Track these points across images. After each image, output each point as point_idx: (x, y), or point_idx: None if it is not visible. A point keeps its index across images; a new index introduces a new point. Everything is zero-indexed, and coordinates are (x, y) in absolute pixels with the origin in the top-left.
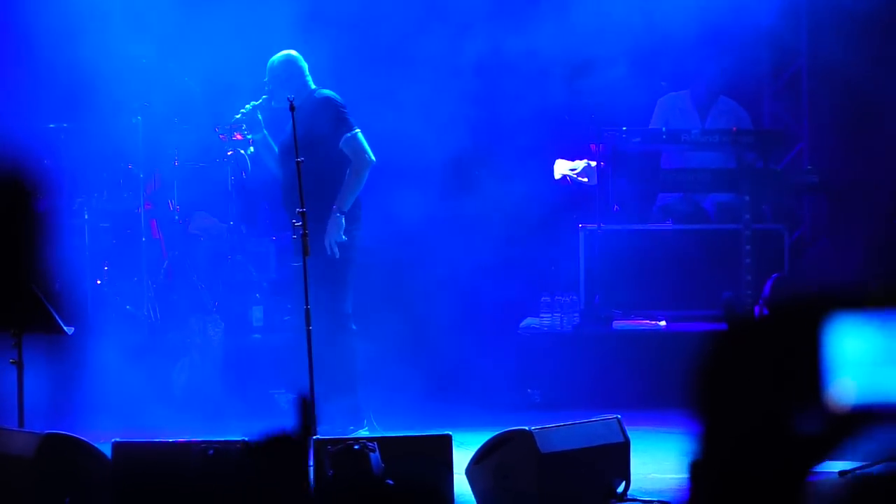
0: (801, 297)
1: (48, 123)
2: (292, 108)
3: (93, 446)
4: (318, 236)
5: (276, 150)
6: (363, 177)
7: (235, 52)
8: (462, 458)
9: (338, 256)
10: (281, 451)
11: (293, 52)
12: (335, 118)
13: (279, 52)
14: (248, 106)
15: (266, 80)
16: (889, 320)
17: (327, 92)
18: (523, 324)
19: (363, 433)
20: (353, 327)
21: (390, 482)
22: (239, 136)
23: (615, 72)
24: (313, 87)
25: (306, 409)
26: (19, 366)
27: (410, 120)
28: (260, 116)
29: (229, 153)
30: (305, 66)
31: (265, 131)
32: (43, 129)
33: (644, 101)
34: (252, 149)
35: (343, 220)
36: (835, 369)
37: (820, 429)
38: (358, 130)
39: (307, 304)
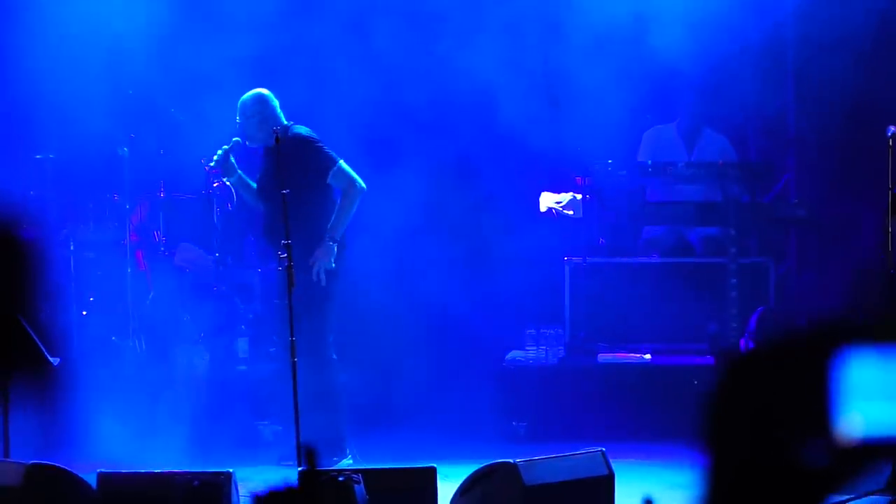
0: (789, 330)
1: (34, 154)
2: (277, 141)
3: (78, 477)
4: (302, 268)
5: (255, 186)
6: (356, 204)
7: (222, 83)
8: (446, 490)
9: (324, 284)
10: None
11: (264, 91)
12: (316, 153)
13: (250, 90)
14: (219, 152)
15: (238, 119)
16: (875, 353)
17: (302, 129)
18: (509, 356)
19: (347, 463)
20: (334, 357)
21: None
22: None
23: (601, 103)
24: (286, 122)
25: (312, 459)
26: (4, 397)
27: (395, 152)
28: (233, 159)
29: (215, 185)
30: (277, 102)
31: (240, 172)
32: (29, 159)
33: (630, 133)
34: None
35: (335, 248)
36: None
37: (803, 463)
38: (341, 161)
39: (292, 336)
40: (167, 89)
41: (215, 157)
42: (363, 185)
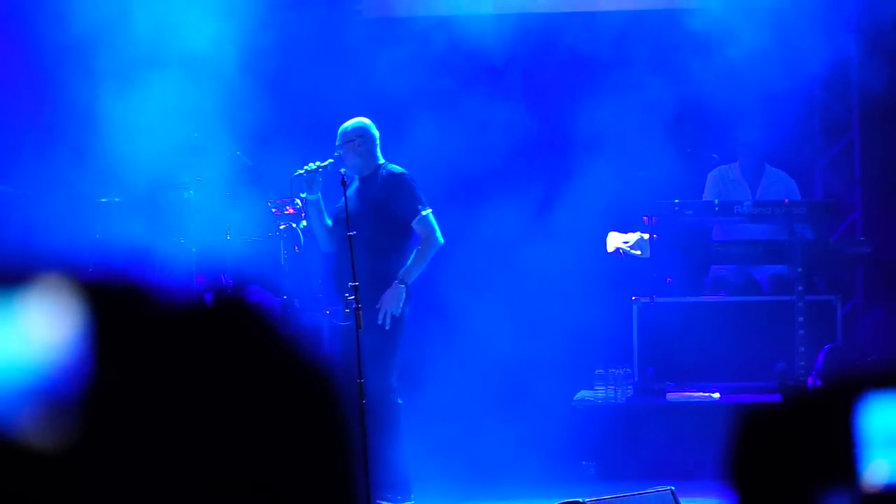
0: (856, 368)
1: (100, 197)
2: (344, 183)
3: None
4: (372, 309)
5: (327, 216)
6: (430, 257)
7: (287, 126)
8: None
9: (388, 328)
10: None
11: (367, 120)
12: (410, 196)
13: (351, 119)
14: (310, 165)
15: (338, 143)
16: None
17: (400, 168)
18: (577, 396)
19: None
20: (399, 401)
21: None
22: (291, 210)
23: (667, 144)
24: (382, 160)
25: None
26: None
27: (467, 193)
28: (320, 179)
29: (282, 227)
30: (378, 136)
31: (320, 195)
32: (94, 202)
33: (696, 173)
34: (305, 223)
35: (404, 293)
36: (873, 446)
37: None
38: (430, 210)
39: (360, 378)
40: (233, 132)
41: (306, 167)
42: (441, 240)
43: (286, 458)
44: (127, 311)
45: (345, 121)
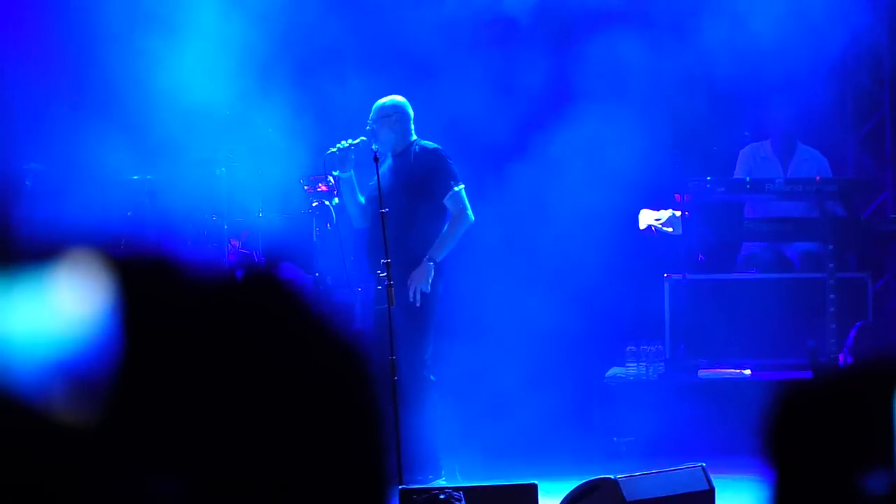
0: (887, 346)
1: (131, 175)
2: (376, 159)
3: None
4: (405, 286)
5: (360, 194)
6: (461, 233)
7: (319, 104)
8: None
9: (418, 305)
10: None
11: (402, 98)
12: (444, 171)
13: (387, 97)
14: (343, 143)
15: (371, 118)
16: None
17: (434, 144)
18: (609, 373)
19: (441, 483)
20: (432, 378)
21: None
22: (324, 188)
23: (698, 121)
24: (415, 137)
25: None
26: None
27: (496, 167)
28: (352, 157)
29: (314, 204)
30: (412, 114)
31: (352, 172)
32: (126, 180)
33: (727, 150)
34: (337, 200)
35: (433, 270)
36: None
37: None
38: (462, 187)
39: (392, 355)
40: (264, 109)
41: (338, 145)
42: (472, 217)
43: (316, 436)
44: (158, 287)
45: (376, 96)
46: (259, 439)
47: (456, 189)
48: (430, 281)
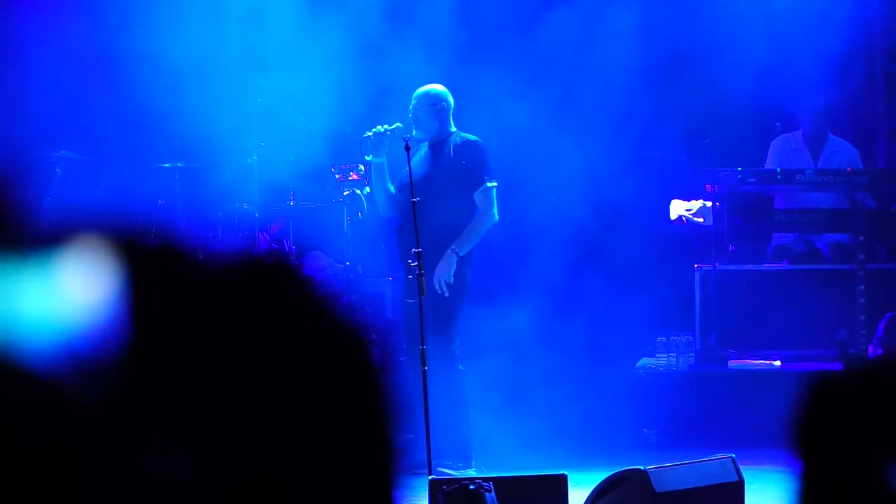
0: None
1: (163, 163)
2: (408, 148)
3: None
4: (431, 277)
5: (390, 182)
6: (484, 230)
7: (352, 91)
8: (578, 497)
9: (447, 296)
10: None
11: (444, 88)
12: (481, 165)
13: (425, 86)
14: (378, 127)
15: (414, 106)
16: None
17: (474, 137)
18: (639, 364)
19: (471, 473)
20: (461, 368)
21: None
22: (355, 176)
23: (729, 111)
24: (454, 129)
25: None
26: None
27: (528, 159)
28: (387, 142)
29: (345, 193)
30: (453, 105)
31: (385, 158)
32: (158, 168)
33: (758, 141)
34: (368, 189)
35: (455, 262)
36: None
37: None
38: (495, 184)
39: (423, 345)
40: (296, 97)
41: (374, 129)
42: (497, 217)
43: (341, 426)
44: (188, 275)
45: (415, 85)
46: (283, 428)
47: (489, 185)
48: (453, 272)
